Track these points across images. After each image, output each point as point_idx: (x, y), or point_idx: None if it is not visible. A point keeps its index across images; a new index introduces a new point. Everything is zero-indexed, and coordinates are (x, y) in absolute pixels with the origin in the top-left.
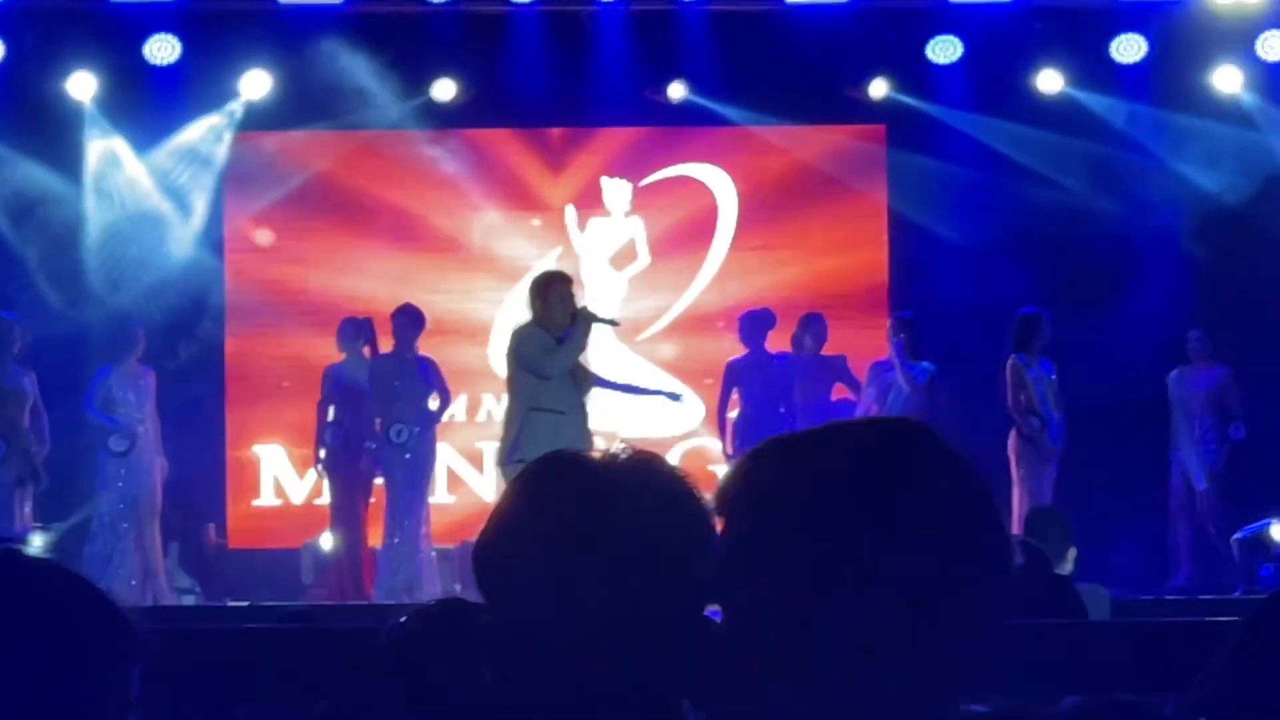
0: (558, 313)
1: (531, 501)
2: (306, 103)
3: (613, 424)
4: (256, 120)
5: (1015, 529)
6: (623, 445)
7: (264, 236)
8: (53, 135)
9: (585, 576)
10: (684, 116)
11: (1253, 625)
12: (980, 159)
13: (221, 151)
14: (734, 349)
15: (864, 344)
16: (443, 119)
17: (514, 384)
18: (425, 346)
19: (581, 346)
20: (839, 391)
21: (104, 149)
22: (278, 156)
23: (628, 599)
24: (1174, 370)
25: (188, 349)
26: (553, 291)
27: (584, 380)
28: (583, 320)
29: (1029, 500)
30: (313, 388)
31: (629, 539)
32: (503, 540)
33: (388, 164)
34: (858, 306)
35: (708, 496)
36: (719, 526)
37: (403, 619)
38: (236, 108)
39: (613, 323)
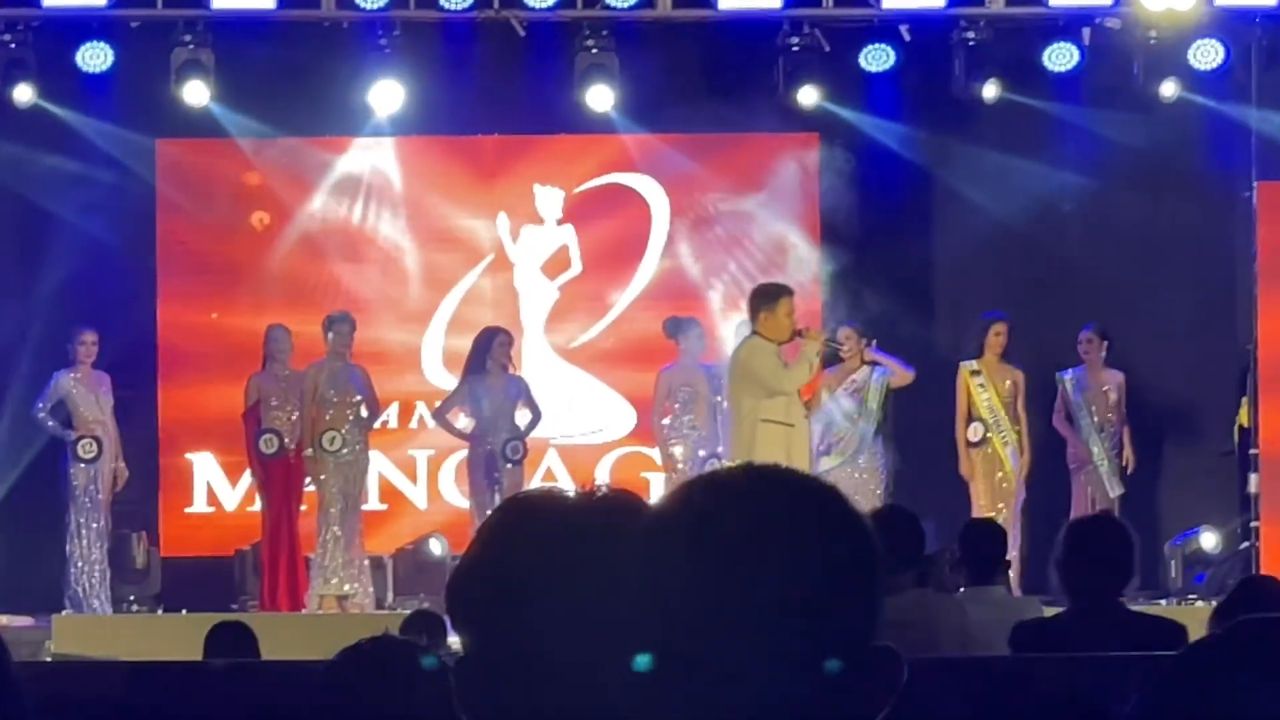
0: (785, 325)
1: (503, 537)
2: (241, 111)
3: (546, 431)
4: (189, 128)
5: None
6: (602, 483)
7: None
8: None
9: (554, 616)
10: (617, 124)
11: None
12: (912, 166)
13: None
14: (666, 357)
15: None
16: (377, 127)
17: (741, 396)
18: (359, 354)
19: (815, 368)
20: None
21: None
22: (210, 164)
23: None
24: (1067, 373)
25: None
26: (781, 304)
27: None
28: (812, 340)
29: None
30: (244, 395)
31: (599, 578)
32: (474, 576)
33: (320, 171)
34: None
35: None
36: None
37: (334, 657)
38: (174, 115)
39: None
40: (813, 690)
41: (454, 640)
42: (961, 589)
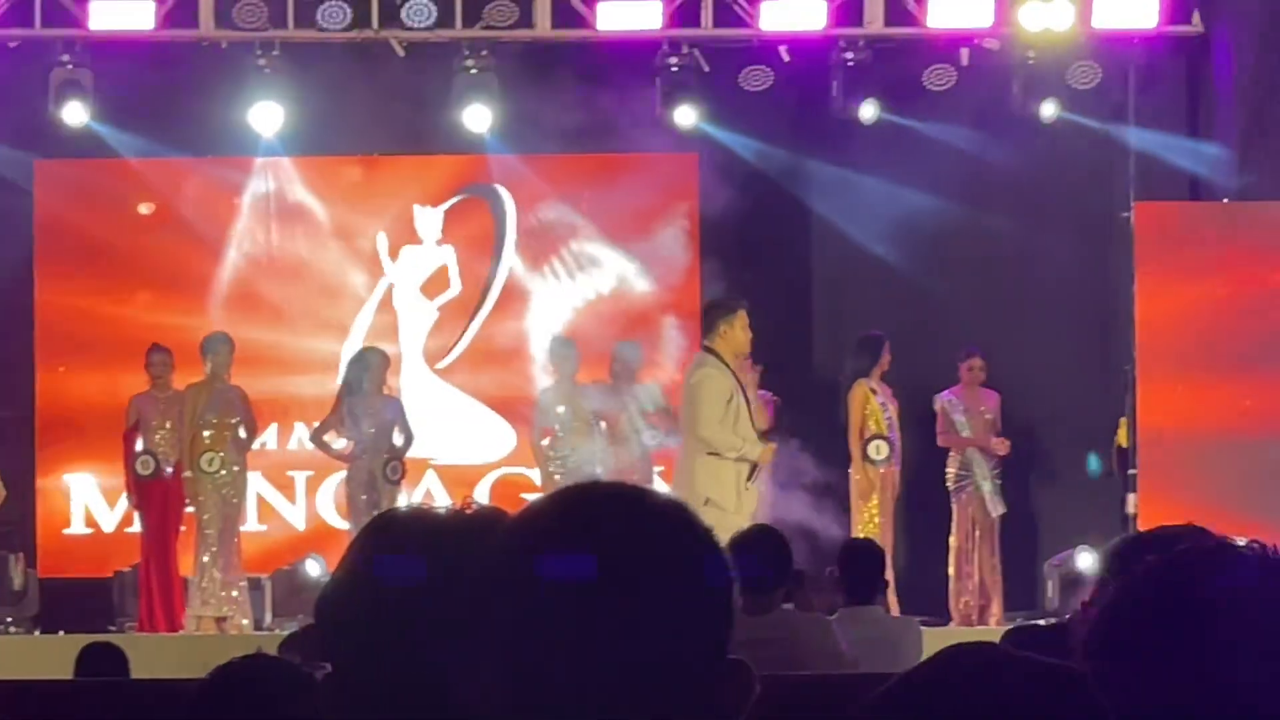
0: (742, 339)
1: (369, 560)
2: (122, 130)
3: (426, 451)
4: (72, 148)
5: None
6: (468, 498)
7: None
8: None
9: (421, 634)
10: (495, 144)
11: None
12: (791, 187)
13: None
14: (541, 376)
15: (682, 369)
16: (258, 146)
17: (688, 424)
18: (238, 375)
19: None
20: (650, 420)
21: None
22: (92, 183)
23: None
24: (946, 394)
25: None
26: (739, 317)
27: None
28: (766, 451)
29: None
30: (122, 416)
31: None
32: (341, 593)
33: (201, 191)
34: (670, 332)
35: None
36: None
37: (207, 675)
38: (53, 135)
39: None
40: (665, 703)
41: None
42: (839, 609)
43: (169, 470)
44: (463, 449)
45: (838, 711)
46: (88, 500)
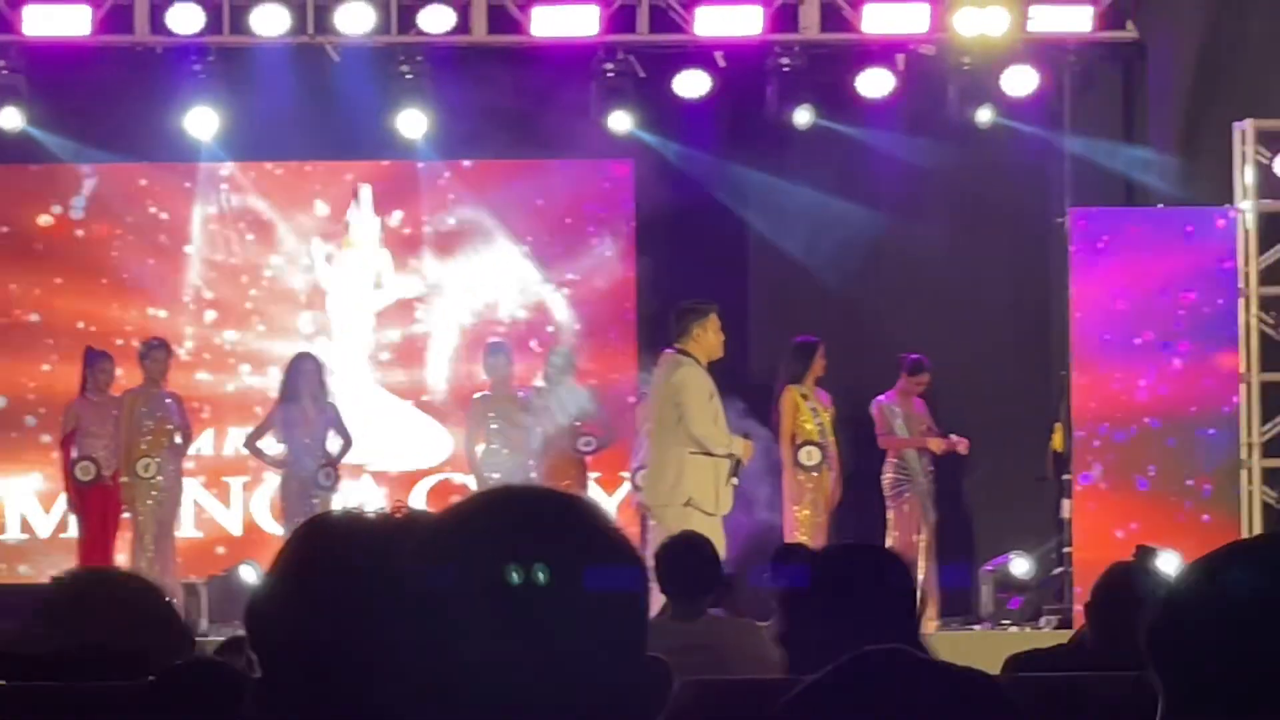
0: (715, 342)
1: (303, 559)
2: (58, 134)
3: (362, 457)
4: (8, 153)
5: None
6: (400, 503)
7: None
8: None
9: (351, 637)
10: (430, 149)
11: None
12: (726, 192)
13: None
14: (476, 380)
15: (617, 375)
16: (194, 152)
17: (667, 422)
18: (174, 380)
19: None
20: (587, 425)
21: None
22: (29, 188)
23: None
24: (882, 398)
25: None
26: (712, 319)
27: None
28: (745, 449)
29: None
30: (59, 421)
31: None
32: (272, 597)
33: (138, 196)
34: (606, 338)
35: None
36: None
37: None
38: None
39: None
40: (585, 701)
41: None
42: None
43: (109, 476)
44: (399, 454)
45: (766, 715)
46: (23, 508)
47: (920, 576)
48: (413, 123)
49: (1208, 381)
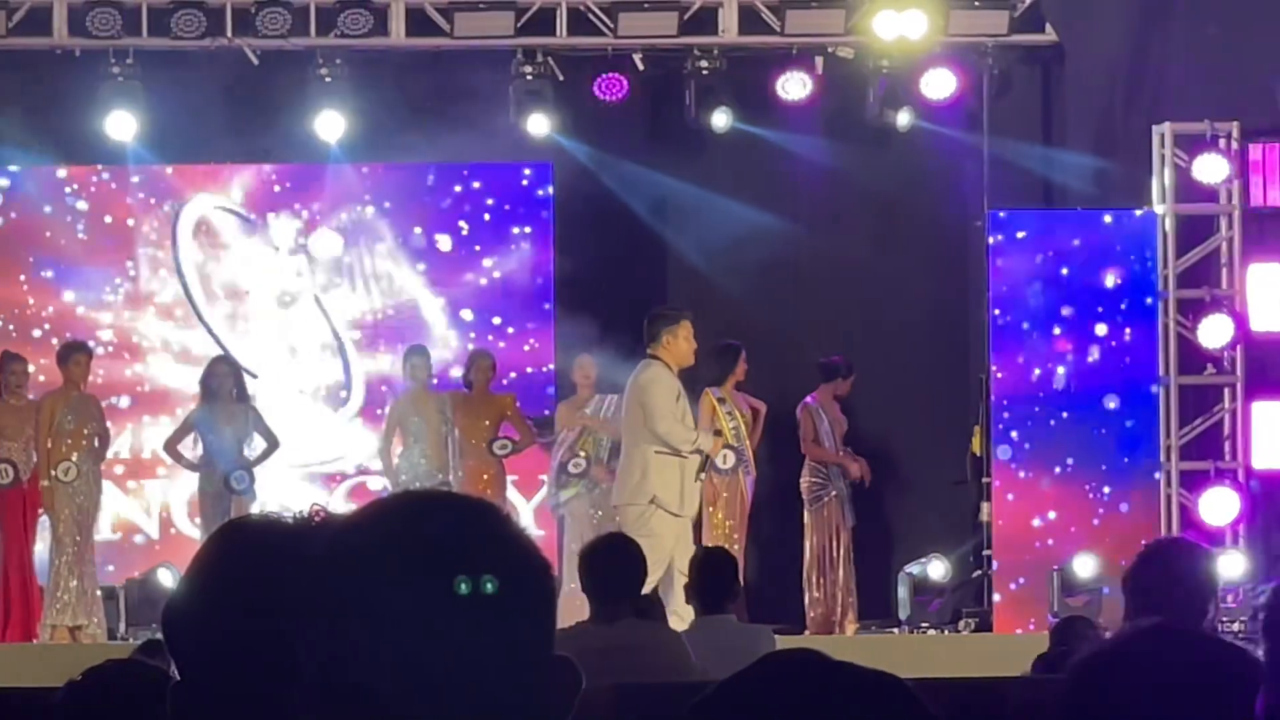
0: (685, 349)
1: (218, 563)
2: None
3: (283, 458)
4: None
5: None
6: (318, 506)
7: None
8: None
9: (267, 640)
10: (348, 153)
11: None
12: (645, 195)
13: None
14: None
15: (535, 375)
16: (114, 155)
17: (636, 423)
18: (91, 384)
19: (697, 451)
20: (506, 428)
21: None
22: None
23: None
24: (810, 400)
25: None
26: (683, 326)
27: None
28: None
29: None
30: None
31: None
32: (188, 601)
33: (57, 198)
34: (524, 338)
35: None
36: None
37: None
38: None
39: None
40: (493, 699)
41: None
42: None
43: (26, 479)
44: (319, 457)
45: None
46: None
47: (839, 580)
48: (330, 125)
49: (1125, 378)
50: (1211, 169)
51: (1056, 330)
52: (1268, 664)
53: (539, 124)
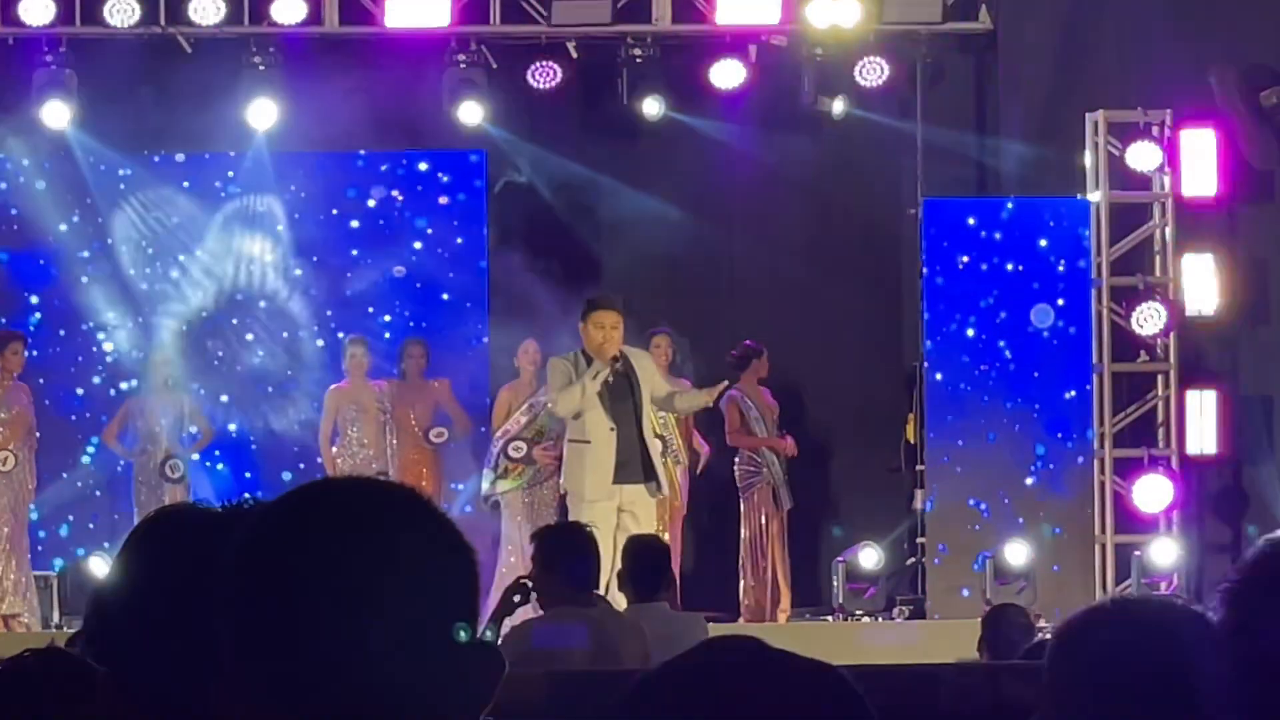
0: (594, 338)
1: (144, 552)
2: None
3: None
4: None
5: None
6: (249, 497)
7: None
8: None
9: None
10: (282, 141)
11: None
12: (578, 184)
13: None
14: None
15: (466, 369)
16: (52, 142)
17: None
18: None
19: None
20: (441, 416)
21: None
22: None
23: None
24: (733, 391)
25: None
26: (590, 316)
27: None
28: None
29: None
30: None
31: None
32: (114, 592)
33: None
34: (458, 329)
35: None
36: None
37: None
38: None
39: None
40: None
41: None
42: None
43: None
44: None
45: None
46: None
47: (770, 568)
48: (264, 113)
49: (1059, 366)
50: (1144, 157)
51: (991, 317)
52: (1226, 632)
53: (472, 112)
